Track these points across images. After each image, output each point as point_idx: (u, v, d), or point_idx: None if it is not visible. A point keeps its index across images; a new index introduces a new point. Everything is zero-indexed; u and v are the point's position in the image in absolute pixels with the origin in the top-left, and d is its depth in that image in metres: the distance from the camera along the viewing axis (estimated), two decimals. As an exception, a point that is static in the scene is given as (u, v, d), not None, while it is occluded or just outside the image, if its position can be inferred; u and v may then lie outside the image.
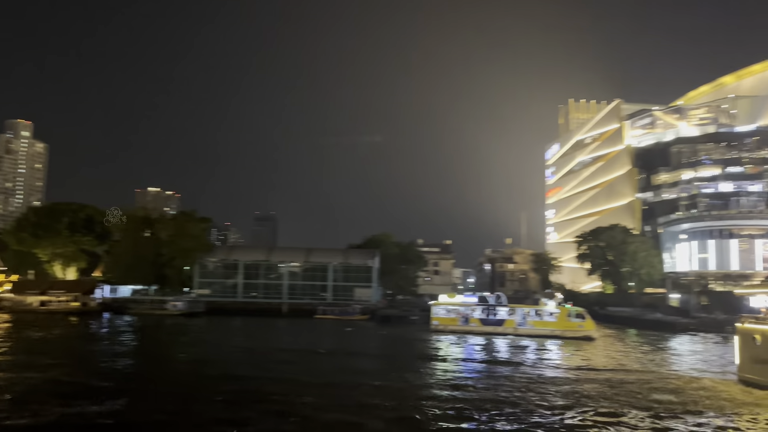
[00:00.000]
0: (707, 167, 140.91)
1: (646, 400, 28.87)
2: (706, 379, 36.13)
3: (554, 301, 69.90)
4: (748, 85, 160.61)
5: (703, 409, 26.92)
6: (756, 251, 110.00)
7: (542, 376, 37.24)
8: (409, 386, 30.63)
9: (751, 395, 29.57)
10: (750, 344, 32.76)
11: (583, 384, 33.97)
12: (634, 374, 38.32)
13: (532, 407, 26.44)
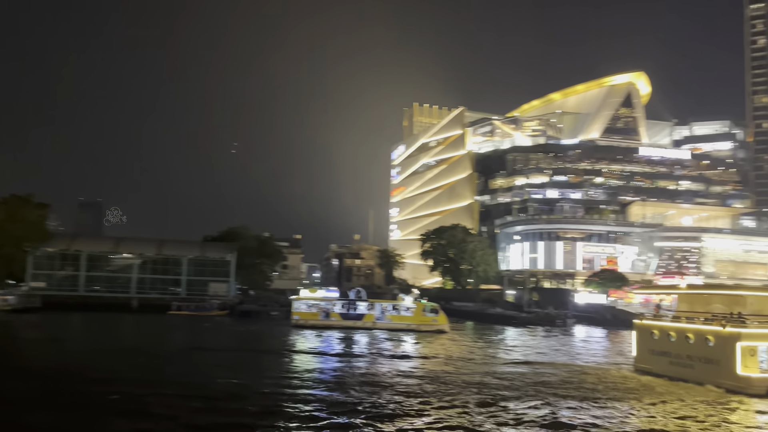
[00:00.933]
0: (537, 175, 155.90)
1: (553, 389, 31.61)
2: (607, 369, 39.91)
3: (411, 297, 73.53)
4: (573, 102, 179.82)
5: (620, 396, 29.99)
6: (577, 252, 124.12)
7: (414, 366, 39.37)
8: (267, 383, 30.47)
9: (652, 382, 33.75)
10: (648, 338, 36.75)
11: (491, 376, 36.37)
12: (518, 366, 41.66)
13: (398, 399, 27.86)
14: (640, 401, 28.35)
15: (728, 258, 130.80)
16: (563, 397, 28.84)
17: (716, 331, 31.69)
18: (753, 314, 31.63)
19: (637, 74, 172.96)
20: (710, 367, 31.71)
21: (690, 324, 34.23)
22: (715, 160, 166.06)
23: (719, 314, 32.96)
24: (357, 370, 37.09)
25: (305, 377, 34.49)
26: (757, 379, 29.88)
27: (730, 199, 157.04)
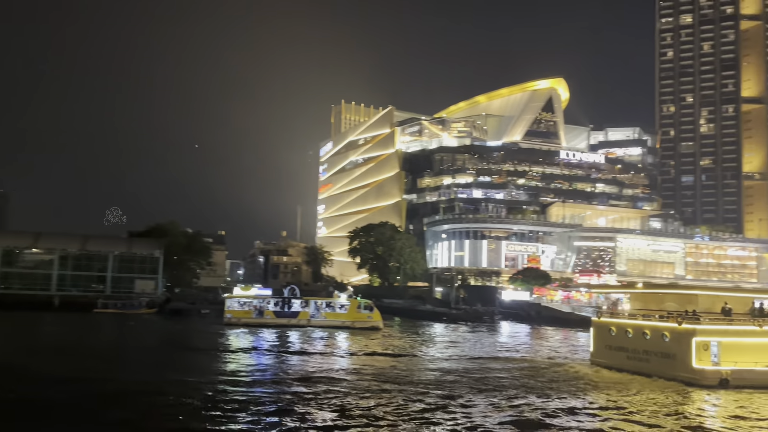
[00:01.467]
0: (463, 175, 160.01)
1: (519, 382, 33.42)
2: (564, 364, 42.31)
3: (346, 294, 74.07)
4: (497, 105, 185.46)
5: (582, 388, 32.25)
6: (501, 251, 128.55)
7: (362, 364, 39.93)
8: (196, 381, 30.24)
9: (611, 376, 36.15)
10: (605, 334, 39.06)
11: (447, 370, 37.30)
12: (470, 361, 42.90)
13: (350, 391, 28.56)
14: (601, 393, 30.58)
15: (638, 257, 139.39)
16: (531, 389, 30.92)
17: (672, 328, 34.14)
18: (704, 312, 34.45)
19: (558, 80, 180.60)
20: (666, 361, 34.15)
21: (647, 321, 36.75)
22: (627, 164, 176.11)
23: (675, 312, 35.35)
24: (294, 368, 37.31)
25: (246, 375, 34.33)
26: (710, 371, 32.50)
27: (640, 201, 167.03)
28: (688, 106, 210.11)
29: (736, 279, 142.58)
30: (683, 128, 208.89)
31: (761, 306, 36.06)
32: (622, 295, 50.36)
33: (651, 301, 39.57)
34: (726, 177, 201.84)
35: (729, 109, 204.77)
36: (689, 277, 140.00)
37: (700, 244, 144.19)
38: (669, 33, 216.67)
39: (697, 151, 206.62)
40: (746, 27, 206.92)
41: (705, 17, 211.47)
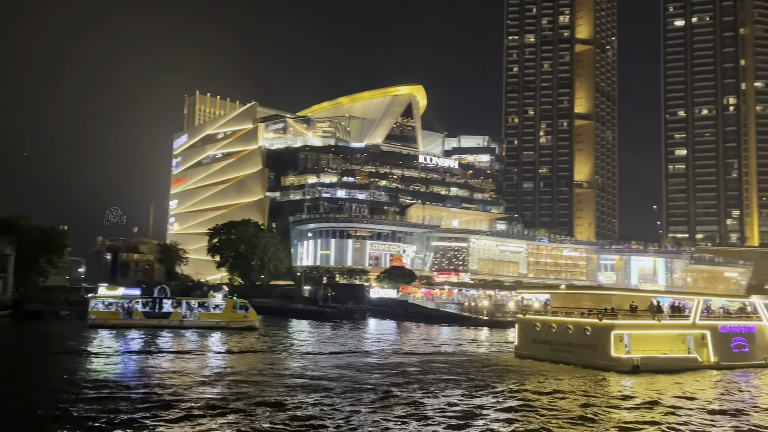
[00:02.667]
0: (328, 174, 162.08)
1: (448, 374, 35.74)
2: (489, 356, 47.03)
3: (221, 294, 72.52)
4: (360, 107, 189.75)
5: (519, 374, 36.61)
6: (366, 250, 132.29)
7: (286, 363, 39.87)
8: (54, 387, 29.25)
9: (528, 364, 41.11)
10: (530, 330, 44.02)
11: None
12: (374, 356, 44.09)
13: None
14: (536, 378, 35.25)
15: (488, 257, 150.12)
16: (465, 379, 34.34)
17: (594, 323, 39.79)
18: (618, 309, 40.46)
19: (417, 88, 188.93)
20: (588, 351, 39.67)
21: (570, 318, 41.91)
22: (477, 170, 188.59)
23: (594, 309, 40.81)
24: (161, 369, 36.64)
25: (108, 378, 33.11)
26: (624, 359, 38.70)
27: (489, 205, 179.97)
28: (530, 118, 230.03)
29: (569, 277, 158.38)
30: (525, 138, 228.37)
31: (658, 303, 43.24)
32: (534, 295, 56.36)
33: (570, 300, 45.08)
34: (560, 185, 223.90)
35: (564, 123, 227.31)
36: (531, 275, 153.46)
37: (541, 245, 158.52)
38: (515, 50, 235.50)
39: (537, 160, 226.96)
40: (580, 50, 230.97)
41: (546, 38, 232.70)
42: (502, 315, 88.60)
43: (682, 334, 41.46)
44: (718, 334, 42.10)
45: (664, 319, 41.88)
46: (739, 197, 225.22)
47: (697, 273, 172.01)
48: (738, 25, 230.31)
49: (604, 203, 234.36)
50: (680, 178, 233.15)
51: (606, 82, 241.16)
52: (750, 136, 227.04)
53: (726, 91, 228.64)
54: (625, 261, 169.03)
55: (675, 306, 44.37)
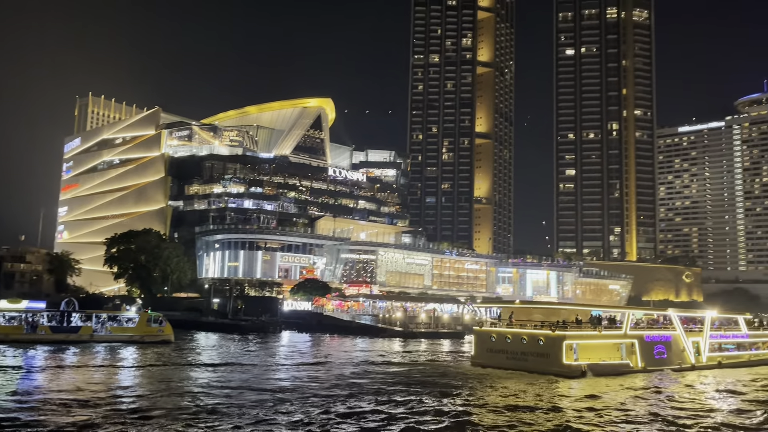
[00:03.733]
0: (235, 184, 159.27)
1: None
2: (449, 364, 51.34)
3: (135, 307, 69.74)
4: (268, 117, 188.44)
5: (478, 380, 40.11)
6: (276, 262, 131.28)
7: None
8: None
9: (488, 371, 44.69)
10: (486, 340, 47.93)
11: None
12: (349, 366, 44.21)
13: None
14: (497, 382, 39.24)
15: (395, 269, 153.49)
16: (431, 384, 37.70)
17: (547, 334, 44.03)
18: (566, 321, 44.87)
19: (326, 101, 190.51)
20: (542, 359, 43.78)
21: (524, 329, 45.90)
22: (384, 184, 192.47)
23: (546, 321, 44.97)
24: (66, 384, 35.67)
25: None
26: (574, 365, 43.19)
27: (395, 218, 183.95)
28: (434, 135, 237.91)
29: (470, 289, 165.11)
30: (429, 155, 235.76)
31: (598, 316, 48.25)
32: (484, 308, 60.25)
33: (522, 313, 49.21)
34: (461, 200, 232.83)
35: (465, 142, 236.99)
36: (435, 287, 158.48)
37: (445, 258, 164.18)
38: (420, 69, 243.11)
39: (439, 175, 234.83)
40: (481, 72, 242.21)
41: (449, 59, 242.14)
42: (415, 326, 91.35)
43: (616, 343, 46.93)
44: (644, 343, 48.22)
45: (603, 330, 47.09)
46: (620, 215, 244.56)
47: (585, 285, 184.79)
48: (621, 57, 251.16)
49: (501, 218, 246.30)
50: (569, 196, 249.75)
51: (504, 104, 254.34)
52: (630, 159, 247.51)
53: (610, 117, 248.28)
54: (521, 274, 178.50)
55: (610, 318, 50.02)
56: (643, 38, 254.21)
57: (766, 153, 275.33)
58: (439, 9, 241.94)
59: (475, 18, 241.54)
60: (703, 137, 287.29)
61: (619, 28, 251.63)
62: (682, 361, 50.88)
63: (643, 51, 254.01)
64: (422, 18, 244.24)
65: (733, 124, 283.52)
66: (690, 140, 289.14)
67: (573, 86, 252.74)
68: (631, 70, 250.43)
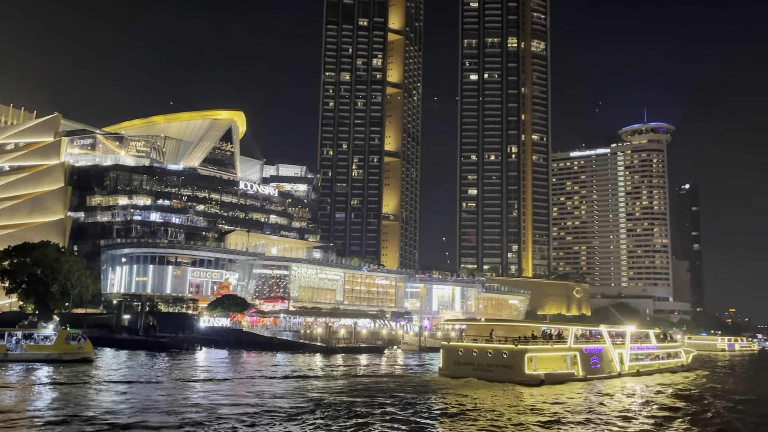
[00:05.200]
0: (141, 196, 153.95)
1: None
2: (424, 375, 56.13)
3: (52, 324, 66.43)
4: (176, 128, 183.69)
5: (451, 388, 44.27)
6: (187, 277, 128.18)
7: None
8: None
9: (457, 381, 49.36)
10: (454, 354, 53.01)
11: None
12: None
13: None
14: (469, 390, 44.31)
15: (308, 284, 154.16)
16: (406, 392, 42.34)
17: (510, 348, 49.71)
18: (525, 337, 50.73)
19: (238, 114, 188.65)
20: (506, 369, 49.26)
21: (489, 344, 50.82)
22: (295, 199, 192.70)
23: (509, 337, 50.79)
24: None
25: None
26: (534, 375, 49.20)
27: (306, 233, 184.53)
28: (344, 152, 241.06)
29: (380, 304, 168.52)
30: (339, 171, 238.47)
31: (550, 332, 54.99)
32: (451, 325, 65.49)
33: (484, 329, 54.38)
34: (370, 216, 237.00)
35: (374, 159, 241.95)
36: (346, 302, 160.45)
37: (356, 273, 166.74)
38: (331, 86, 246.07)
39: (349, 192, 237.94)
40: (391, 92, 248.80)
41: (360, 78, 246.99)
42: (336, 341, 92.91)
43: (563, 355, 53.11)
44: (583, 355, 54.63)
45: (554, 344, 53.46)
46: (518, 234, 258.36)
47: (487, 300, 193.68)
48: (520, 85, 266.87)
49: (408, 235, 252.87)
50: (472, 214, 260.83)
51: (412, 124, 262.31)
52: (527, 181, 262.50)
53: (510, 140, 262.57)
54: (428, 289, 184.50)
55: (558, 334, 56.73)
56: (540, 68, 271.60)
57: (646, 179, 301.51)
58: (350, 29, 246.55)
59: (385, 40, 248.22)
60: (591, 162, 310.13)
61: (519, 57, 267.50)
62: (611, 370, 58.60)
63: (540, 80, 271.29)
64: (334, 36, 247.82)
65: (617, 152, 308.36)
66: (580, 164, 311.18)
67: (476, 110, 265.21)
68: (529, 97, 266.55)
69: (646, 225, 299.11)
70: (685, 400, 45.23)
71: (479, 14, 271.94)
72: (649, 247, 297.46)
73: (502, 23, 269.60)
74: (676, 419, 36.26)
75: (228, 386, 46.48)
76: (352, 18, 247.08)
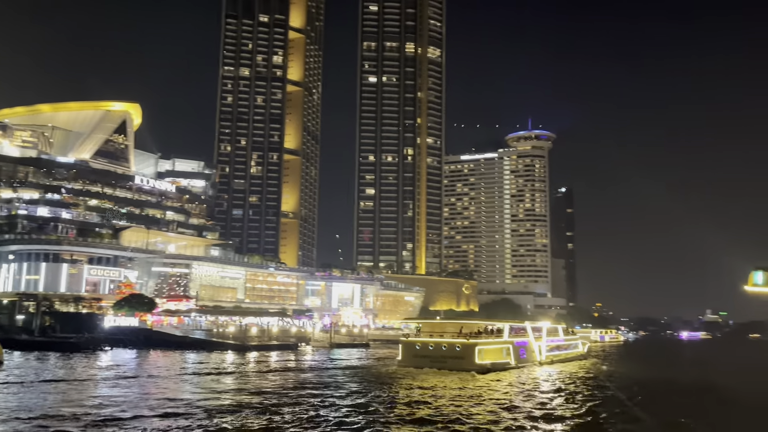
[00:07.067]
0: (28, 189, 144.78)
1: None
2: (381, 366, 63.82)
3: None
4: (64, 118, 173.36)
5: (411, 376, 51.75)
6: (83, 275, 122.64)
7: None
8: None
9: (413, 372, 55.68)
10: (411, 348, 60.56)
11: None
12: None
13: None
14: (428, 377, 51.94)
15: (209, 283, 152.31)
16: (373, 382, 47.88)
17: (463, 342, 58.43)
18: (471, 333, 59.05)
19: (134, 105, 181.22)
20: (459, 360, 57.44)
21: (443, 339, 58.88)
22: (193, 195, 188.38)
23: (457, 332, 59.00)
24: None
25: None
26: (483, 364, 57.55)
27: (204, 230, 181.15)
28: (242, 148, 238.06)
29: (282, 302, 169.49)
30: (237, 167, 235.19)
31: (493, 327, 63.19)
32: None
33: (436, 327, 63.11)
34: (268, 214, 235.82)
35: (274, 157, 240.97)
36: (248, 300, 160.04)
37: (258, 272, 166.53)
38: (230, 80, 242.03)
39: (247, 188, 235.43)
40: (291, 90, 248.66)
41: (260, 74, 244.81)
42: (248, 339, 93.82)
43: (502, 347, 62.00)
44: (515, 347, 64.33)
45: (496, 338, 62.44)
46: (412, 233, 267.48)
47: (384, 297, 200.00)
48: (417, 89, 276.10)
49: (307, 233, 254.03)
50: (369, 213, 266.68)
51: (312, 123, 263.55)
52: (422, 182, 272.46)
53: (406, 143, 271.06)
54: (328, 286, 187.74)
55: (497, 329, 64.92)
56: (436, 74, 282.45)
57: (529, 182, 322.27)
58: (251, 24, 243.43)
59: (286, 37, 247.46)
60: (480, 166, 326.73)
61: (416, 62, 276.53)
62: (533, 360, 69.07)
63: (436, 85, 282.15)
64: (234, 31, 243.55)
65: (504, 156, 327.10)
66: (470, 168, 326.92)
67: (375, 111, 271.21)
68: (425, 102, 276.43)
69: (528, 226, 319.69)
70: (590, 381, 55.25)
71: (379, 18, 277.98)
72: (530, 246, 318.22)
73: (400, 28, 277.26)
74: (583, 394, 43.47)
75: (190, 383, 47.30)
76: (252, 13, 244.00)
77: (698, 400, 43.61)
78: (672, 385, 55.67)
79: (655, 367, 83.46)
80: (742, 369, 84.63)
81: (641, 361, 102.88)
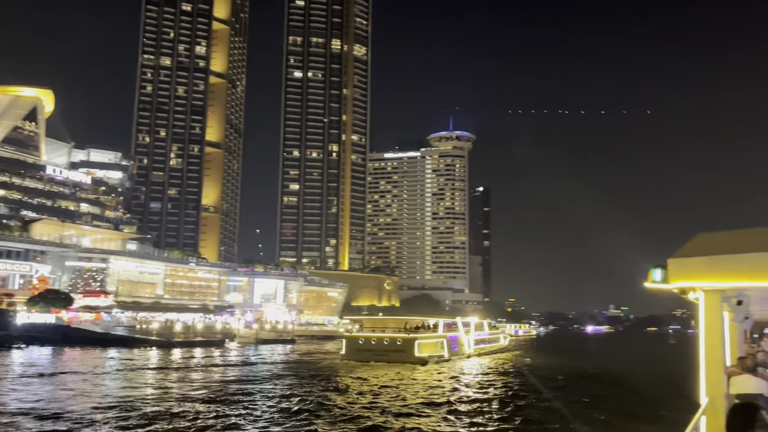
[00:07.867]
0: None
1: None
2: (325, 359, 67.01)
3: None
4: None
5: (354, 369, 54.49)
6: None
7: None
8: None
9: (357, 365, 58.60)
10: (354, 343, 63.56)
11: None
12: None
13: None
14: (368, 369, 54.75)
15: (127, 278, 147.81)
16: (316, 375, 49.85)
17: (404, 336, 62.14)
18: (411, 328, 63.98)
19: (46, 92, 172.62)
20: (400, 353, 60.74)
21: (385, 334, 61.89)
22: (109, 186, 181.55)
23: (398, 327, 63.50)
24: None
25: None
26: (421, 356, 60.97)
27: (121, 224, 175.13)
28: (162, 139, 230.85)
29: (202, 297, 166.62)
30: (156, 159, 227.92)
31: (427, 324, 67.41)
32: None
33: (378, 323, 66.95)
34: (188, 207, 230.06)
35: (195, 149, 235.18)
36: (167, 296, 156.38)
37: (178, 267, 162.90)
38: (150, 69, 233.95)
39: (166, 181, 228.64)
40: (214, 82, 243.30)
41: (182, 64, 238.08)
42: (173, 336, 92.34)
43: (437, 341, 65.72)
44: (448, 340, 68.29)
45: (432, 332, 66.36)
46: (336, 229, 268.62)
47: (308, 293, 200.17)
48: (342, 86, 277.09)
49: (228, 228, 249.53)
50: (292, 209, 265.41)
51: (235, 116, 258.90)
52: (346, 179, 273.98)
53: (331, 139, 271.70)
54: (251, 282, 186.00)
55: (434, 324, 69.37)
56: (362, 72, 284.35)
57: (450, 181, 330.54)
58: (173, 12, 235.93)
59: (210, 27, 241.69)
60: (403, 164, 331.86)
61: (342, 59, 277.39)
62: (463, 353, 73.49)
63: (361, 83, 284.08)
64: (154, 19, 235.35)
65: (426, 155, 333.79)
66: (393, 166, 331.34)
67: (300, 107, 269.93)
68: (350, 99, 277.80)
69: (448, 224, 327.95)
70: (511, 371, 59.81)
71: (305, 13, 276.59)
72: (450, 243, 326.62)
73: (326, 25, 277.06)
74: (507, 382, 47.05)
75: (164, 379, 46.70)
76: (174, 2, 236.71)
77: (595, 383, 49.59)
78: (579, 372, 61.15)
79: (566, 358, 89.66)
80: (633, 358, 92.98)
81: (553, 353, 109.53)
